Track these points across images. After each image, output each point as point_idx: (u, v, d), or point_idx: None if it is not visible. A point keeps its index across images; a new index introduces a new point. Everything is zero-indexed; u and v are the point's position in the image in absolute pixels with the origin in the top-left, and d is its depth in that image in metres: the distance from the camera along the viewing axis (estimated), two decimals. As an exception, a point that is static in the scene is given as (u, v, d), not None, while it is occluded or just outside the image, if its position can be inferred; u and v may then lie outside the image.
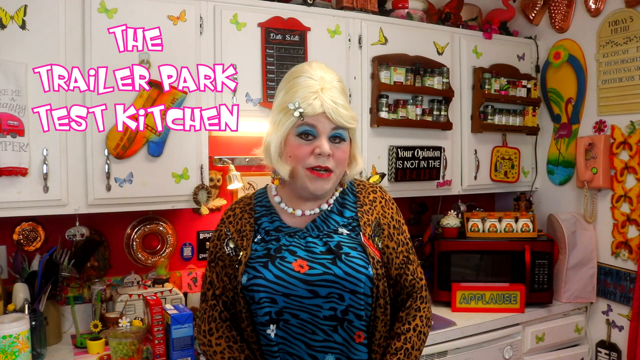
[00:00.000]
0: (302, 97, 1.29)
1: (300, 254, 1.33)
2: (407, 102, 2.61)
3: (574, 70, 2.89)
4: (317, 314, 1.30)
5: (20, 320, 1.81)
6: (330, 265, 1.30)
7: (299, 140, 1.32)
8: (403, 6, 2.74)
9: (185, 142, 2.15)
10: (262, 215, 1.42)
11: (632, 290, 2.58)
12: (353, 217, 1.40)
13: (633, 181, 2.62)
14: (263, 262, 1.33)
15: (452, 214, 2.80)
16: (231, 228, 1.43)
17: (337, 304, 1.30)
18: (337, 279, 1.29)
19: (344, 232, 1.37)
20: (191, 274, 2.52)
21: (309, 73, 1.32)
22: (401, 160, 2.58)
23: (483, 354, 2.47)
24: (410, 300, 1.43)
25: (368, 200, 1.44)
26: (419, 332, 1.39)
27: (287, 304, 1.30)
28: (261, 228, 1.39)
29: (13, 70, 1.84)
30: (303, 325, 1.31)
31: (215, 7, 2.20)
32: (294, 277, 1.30)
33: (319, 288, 1.29)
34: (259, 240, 1.37)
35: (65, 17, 1.94)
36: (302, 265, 1.31)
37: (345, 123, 1.31)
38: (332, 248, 1.33)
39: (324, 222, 1.39)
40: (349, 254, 1.32)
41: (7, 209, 1.89)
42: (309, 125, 1.30)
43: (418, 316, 1.41)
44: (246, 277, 1.33)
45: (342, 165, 1.35)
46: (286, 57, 2.32)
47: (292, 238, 1.36)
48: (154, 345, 1.97)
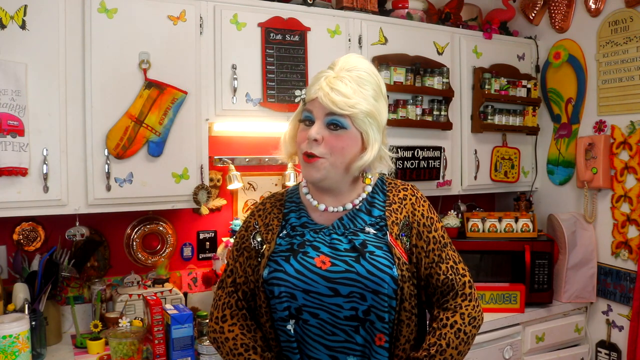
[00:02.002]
0: (311, 85, 1.32)
1: (323, 250, 1.31)
2: (407, 102, 2.61)
3: (574, 70, 2.89)
4: (337, 313, 1.28)
5: (20, 320, 1.81)
6: (353, 262, 1.28)
7: (302, 126, 1.33)
8: (403, 6, 2.74)
9: (185, 142, 2.15)
10: (291, 211, 1.42)
11: (632, 290, 2.58)
12: (381, 216, 1.37)
13: (633, 181, 2.62)
14: (285, 256, 1.32)
15: (452, 214, 2.80)
16: (260, 221, 1.43)
17: (358, 304, 1.27)
18: (360, 278, 1.26)
19: (370, 231, 1.34)
20: (191, 274, 2.52)
21: (333, 64, 1.33)
22: (401, 160, 2.58)
23: (483, 354, 2.47)
24: (449, 298, 1.36)
25: (397, 198, 1.40)
26: (457, 330, 1.32)
27: (307, 301, 1.28)
28: (288, 223, 1.39)
29: (13, 70, 1.84)
30: (322, 326, 1.29)
31: (215, 7, 2.20)
32: (314, 273, 1.28)
33: (340, 286, 1.27)
34: (284, 235, 1.36)
35: (65, 17, 1.94)
36: (324, 262, 1.29)
37: (335, 108, 1.26)
38: (356, 246, 1.30)
39: (352, 220, 1.36)
40: (374, 253, 1.29)
41: (7, 209, 1.89)
42: (307, 111, 1.31)
43: (459, 313, 1.34)
44: (267, 270, 1.32)
45: (337, 154, 1.29)
46: (286, 57, 2.32)
47: (317, 234, 1.35)
48: (154, 345, 1.97)
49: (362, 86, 1.29)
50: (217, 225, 2.60)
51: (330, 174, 1.32)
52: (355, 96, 1.28)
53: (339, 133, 1.29)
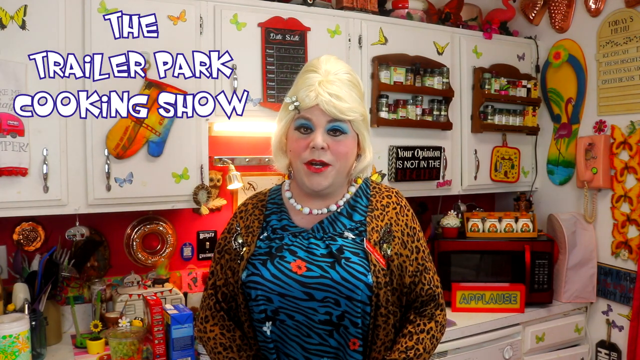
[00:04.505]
0: (300, 91, 1.29)
1: (300, 255, 1.31)
2: (407, 102, 2.61)
3: (574, 70, 2.89)
4: (312, 317, 1.29)
5: (20, 320, 1.81)
6: (328, 268, 1.28)
7: (297, 135, 1.31)
8: (403, 6, 2.74)
9: (185, 142, 2.15)
10: (272, 213, 1.41)
11: (632, 290, 2.58)
12: (361, 221, 1.36)
13: (633, 181, 2.62)
14: (263, 259, 1.32)
15: (452, 214, 2.80)
16: (241, 223, 1.43)
17: (332, 309, 1.27)
18: (334, 284, 1.26)
19: (349, 236, 1.33)
20: (191, 274, 2.52)
21: (315, 67, 1.31)
22: (401, 160, 2.58)
23: (483, 354, 2.47)
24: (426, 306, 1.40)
25: (380, 205, 1.39)
26: (432, 336, 1.37)
27: (283, 304, 1.29)
28: (269, 225, 1.39)
29: (13, 70, 1.84)
30: (298, 327, 1.30)
31: (215, 7, 2.20)
32: (290, 278, 1.28)
33: (314, 291, 1.27)
34: (264, 238, 1.37)
35: (65, 17, 1.94)
36: (300, 266, 1.29)
37: (340, 115, 1.27)
38: (333, 252, 1.30)
39: (331, 224, 1.35)
40: (349, 259, 1.29)
41: (7, 209, 1.89)
42: (304, 119, 1.29)
43: (434, 320, 1.39)
44: (246, 273, 1.33)
45: (342, 160, 1.31)
46: (286, 57, 2.32)
47: (296, 238, 1.34)
48: (154, 345, 1.97)
49: (351, 89, 1.31)
50: (217, 225, 2.60)
51: (335, 181, 1.33)
52: (351, 100, 1.29)
53: (340, 139, 1.30)
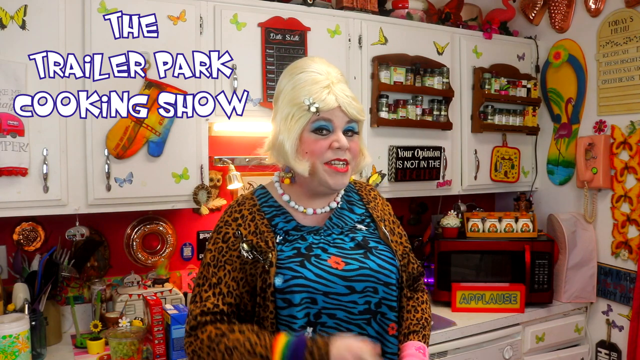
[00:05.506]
0: (314, 93, 1.28)
1: (331, 251, 1.32)
2: (407, 102, 2.61)
3: (574, 70, 2.89)
4: (352, 310, 1.30)
5: (20, 320, 1.81)
6: (363, 259, 1.32)
7: (314, 136, 1.30)
8: (403, 6, 2.74)
9: (185, 142, 2.15)
10: (274, 216, 1.37)
11: (632, 290, 2.58)
12: (364, 213, 1.44)
13: (633, 181, 2.62)
14: (298, 261, 1.29)
15: (452, 214, 2.80)
16: (243, 231, 1.34)
17: (371, 297, 1.31)
18: (373, 272, 1.31)
19: (362, 228, 1.40)
20: (191, 274, 2.52)
21: (313, 68, 1.32)
22: (401, 160, 2.58)
23: (483, 354, 2.47)
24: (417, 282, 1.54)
25: (371, 197, 1.50)
26: (428, 305, 1.53)
27: (327, 304, 1.28)
28: (278, 228, 1.35)
29: (13, 70, 1.84)
30: (338, 325, 1.29)
31: (215, 7, 2.20)
32: (332, 275, 1.29)
33: (355, 283, 1.29)
34: (281, 241, 1.33)
35: (65, 17, 1.94)
36: (337, 262, 1.31)
37: (359, 116, 1.33)
38: (360, 243, 1.36)
39: (340, 219, 1.40)
40: (377, 248, 1.36)
41: (7, 209, 1.89)
42: (325, 120, 1.30)
43: (425, 292, 1.56)
44: (282, 278, 1.26)
45: (356, 159, 1.37)
46: (286, 57, 2.32)
47: (318, 236, 1.35)
48: (154, 345, 1.97)
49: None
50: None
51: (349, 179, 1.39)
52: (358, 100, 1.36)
53: (354, 138, 1.35)
